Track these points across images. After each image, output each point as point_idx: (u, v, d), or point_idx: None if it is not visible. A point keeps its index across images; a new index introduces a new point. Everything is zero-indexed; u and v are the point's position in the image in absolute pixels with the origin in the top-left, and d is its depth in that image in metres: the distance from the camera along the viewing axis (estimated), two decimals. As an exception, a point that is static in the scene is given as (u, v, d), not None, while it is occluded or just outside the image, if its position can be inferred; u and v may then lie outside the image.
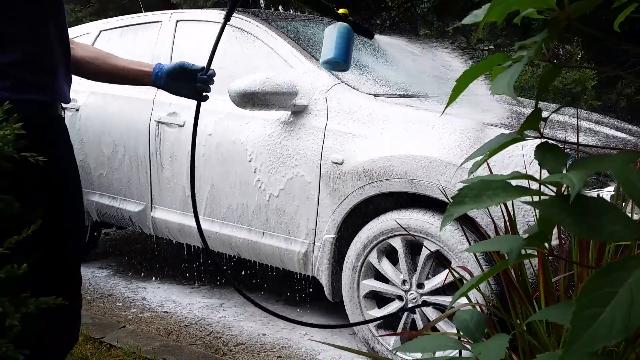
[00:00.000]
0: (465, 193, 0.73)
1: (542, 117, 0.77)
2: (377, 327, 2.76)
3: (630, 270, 0.63)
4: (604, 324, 0.62)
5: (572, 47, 6.17)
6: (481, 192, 0.72)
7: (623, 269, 0.64)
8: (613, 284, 0.63)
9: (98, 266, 4.18)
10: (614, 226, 0.67)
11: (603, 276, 0.64)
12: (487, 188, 0.73)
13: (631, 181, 0.69)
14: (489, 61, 0.79)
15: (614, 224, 0.67)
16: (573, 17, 0.70)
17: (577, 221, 0.67)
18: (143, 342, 2.87)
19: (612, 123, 3.18)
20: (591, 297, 0.63)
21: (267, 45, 3.23)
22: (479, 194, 0.72)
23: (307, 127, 2.93)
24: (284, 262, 3.07)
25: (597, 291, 0.63)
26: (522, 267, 1.81)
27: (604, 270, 0.64)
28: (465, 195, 0.73)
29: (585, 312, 0.63)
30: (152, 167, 3.55)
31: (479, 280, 0.86)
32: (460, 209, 0.72)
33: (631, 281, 0.62)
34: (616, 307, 0.62)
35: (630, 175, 0.69)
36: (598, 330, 0.62)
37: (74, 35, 4.39)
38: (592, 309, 0.63)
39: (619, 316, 0.61)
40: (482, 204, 0.71)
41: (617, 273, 0.64)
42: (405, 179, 2.58)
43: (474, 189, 0.73)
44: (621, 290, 0.62)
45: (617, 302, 0.62)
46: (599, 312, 0.62)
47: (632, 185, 0.69)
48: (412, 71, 3.52)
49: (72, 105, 4.03)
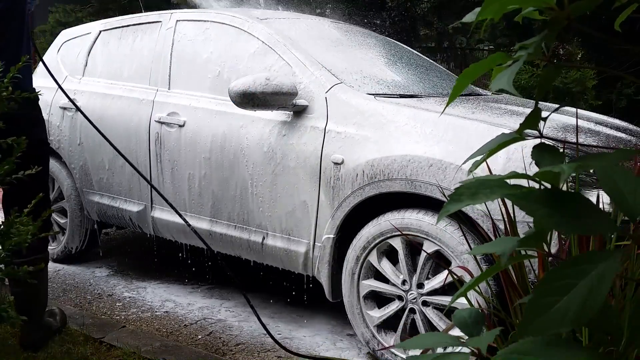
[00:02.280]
0: (462, 191, 0.74)
1: (541, 116, 0.78)
2: (377, 328, 2.76)
3: (595, 263, 0.65)
4: (558, 313, 0.64)
5: (572, 47, 6.17)
6: (478, 190, 0.74)
7: (588, 262, 0.65)
8: (575, 276, 0.65)
9: (98, 266, 4.18)
10: (588, 219, 0.68)
11: (568, 267, 0.66)
12: (484, 186, 0.74)
13: (611, 179, 0.71)
14: (489, 61, 0.79)
15: (588, 217, 0.68)
16: (572, 17, 0.70)
17: (549, 213, 0.69)
18: (143, 342, 2.87)
19: (612, 123, 3.18)
20: (551, 286, 0.66)
21: (267, 45, 3.23)
22: (476, 192, 0.73)
23: (307, 127, 2.93)
24: (284, 262, 3.07)
25: (558, 281, 0.66)
26: (522, 267, 1.81)
27: (570, 261, 0.66)
28: (461, 194, 0.74)
29: (541, 300, 0.66)
30: (152, 167, 3.56)
31: (476, 281, 0.87)
32: (457, 205, 0.74)
33: (594, 274, 0.64)
34: (573, 297, 0.64)
35: (613, 174, 0.71)
36: (550, 317, 0.64)
37: (74, 35, 4.40)
38: (549, 298, 0.65)
39: (573, 307, 0.64)
40: (478, 201, 0.73)
41: (582, 265, 0.66)
42: (405, 179, 2.58)
43: (470, 188, 0.74)
44: (582, 282, 0.65)
45: (575, 293, 0.64)
46: (554, 301, 0.65)
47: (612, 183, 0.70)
48: (412, 71, 3.52)
49: (72, 105, 4.03)
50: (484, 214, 2.38)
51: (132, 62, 3.86)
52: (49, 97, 4.19)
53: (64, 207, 4.15)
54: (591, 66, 6.22)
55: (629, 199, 0.70)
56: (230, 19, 3.46)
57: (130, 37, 3.93)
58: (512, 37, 6.78)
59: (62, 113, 4.08)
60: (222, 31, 3.46)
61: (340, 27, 3.83)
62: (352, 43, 3.57)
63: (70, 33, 4.45)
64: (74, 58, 4.26)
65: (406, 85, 3.22)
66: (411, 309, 2.65)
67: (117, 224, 3.94)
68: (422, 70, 3.62)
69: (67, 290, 3.73)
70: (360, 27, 4.14)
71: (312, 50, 3.20)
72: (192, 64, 3.53)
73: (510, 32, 6.69)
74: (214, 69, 3.42)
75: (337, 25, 3.89)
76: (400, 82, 3.23)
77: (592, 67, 2.49)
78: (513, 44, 6.93)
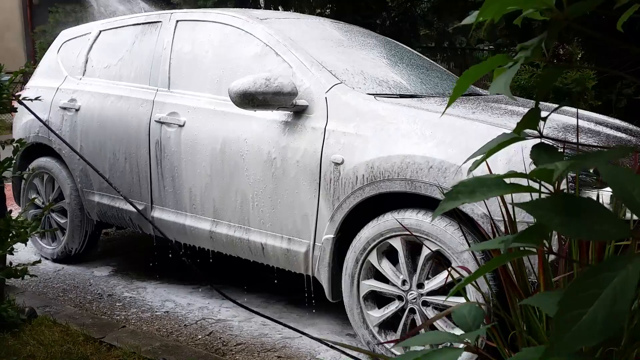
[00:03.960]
0: (459, 189, 0.74)
1: (540, 116, 0.78)
2: (378, 328, 2.76)
3: (616, 270, 0.64)
4: (586, 325, 0.63)
5: (572, 47, 6.16)
6: (476, 189, 0.73)
7: (609, 270, 0.64)
8: (598, 285, 0.64)
9: (98, 266, 4.18)
10: (602, 226, 0.68)
11: (589, 277, 0.65)
12: (482, 185, 0.74)
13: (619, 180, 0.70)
14: (490, 62, 0.79)
15: (602, 224, 0.68)
16: (571, 18, 0.70)
17: (564, 222, 0.68)
18: (143, 342, 2.87)
19: (612, 123, 3.18)
20: (575, 298, 0.64)
21: (267, 45, 3.23)
22: (474, 190, 0.73)
23: (307, 127, 2.93)
24: (284, 262, 3.07)
25: (581, 292, 0.64)
26: (521, 267, 1.81)
27: (591, 271, 0.65)
28: (459, 192, 0.74)
29: (568, 314, 0.64)
30: (152, 167, 3.56)
31: (475, 275, 0.87)
32: (453, 203, 0.73)
33: (616, 281, 0.63)
34: (599, 308, 0.63)
35: (620, 175, 0.70)
36: (580, 331, 0.63)
37: (74, 35, 4.40)
38: (575, 311, 0.64)
39: (600, 317, 0.62)
40: (475, 199, 0.72)
41: (603, 274, 0.64)
42: (405, 180, 2.58)
43: (468, 186, 0.74)
44: (605, 291, 0.63)
45: (600, 303, 0.63)
46: (581, 313, 0.63)
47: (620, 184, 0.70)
48: (412, 71, 3.52)
49: (72, 105, 4.03)
50: (484, 214, 2.38)
51: (132, 62, 3.86)
52: (49, 98, 4.19)
53: (64, 207, 4.16)
54: (591, 66, 6.22)
55: (638, 199, 0.69)
56: (230, 19, 3.46)
57: (130, 37, 3.93)
58: (512, 37, 6.78)
59: (62, 114, 4.08)
60: (223, 31, 3.46)
61: (341, 27, 3.83)
62: (352, 43, 3.57)
63: (70, 33, 4.45)
64: (74, 58, 4.26)
65: (406, 86, 3.22)
66: (411, 309, 2.65)
67: (117, 224, 3.94)
68: (423, 71, 3.62)
69: (67, 290, 3.73)
70: (361, 27, 4.14)
71: (312, 50, 3.20)
72: (192, 64, 3.53)
73: (510, 32, 6.69)
74: (214, 69, 3.42)
75: (337, 25, 3.89)
76: (400, 83, 3.23)
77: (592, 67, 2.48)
78: (513, 44, 6.93)
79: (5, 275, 2.52)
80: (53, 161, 4.19)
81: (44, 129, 4.18)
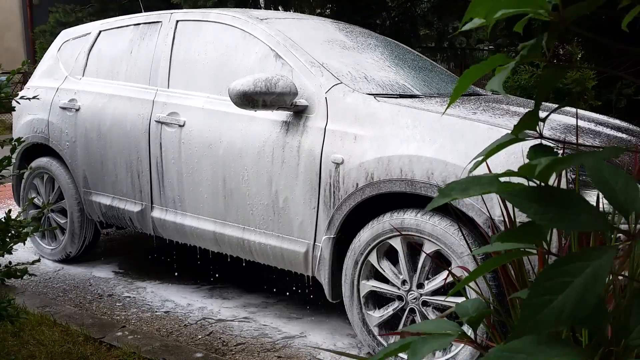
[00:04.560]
0: (452, 186, 0.75)
1: (539, 117, 0.78)
2: (378, 328, 2.76)
3: (590, 261, 0.65)
4: (553, 311, 0.65)
5: (572, 47, 6.17)
6: (469, 186, 0.74)
7: (583, 260, 0.66)
8: (570, 274, 0.65)
9: (98, 266, 4.18)
10: (578, 215, 0.69)
11: (561, 265, 0.66)
12: (475, 183, 0.75)
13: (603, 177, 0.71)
14: (490, 62, 0.79)
15: (579, 214, 0.69)
16: (569, 20, 0.70)
17: (541, 210, 0.69)
18: (143, 342, 2.87)
19: (612, 123, 3.18)
20: (546, 284, 0.66)
21: (267, 45, 3.23)
22: (467, 187, 0.74)
23: (307, 127, 2.93)
24: (284, 262, 3.07)
25: (553, 279, 0.66)
26: (522, 267, 1.81)
27: (564, 259, 0.66)
28: (452, 188, 0.75)
29: (537, 299, 0.66)
30: (152, 167, 3.56)
31: (474, 274, 0.88)
32: (445, 198, 0.75)
33: (588, 271, 0.64)
34: (568, 295, 0.64)
35: (604, 172, 0.71)
36: (547, 316, 0.65)
37: (74, 35, 4.40)
38: (545, 296, 0.66)
39: (568, 305, 0.64)
40: (469, 195, 0.74)
41: (576, 263, 0.66)
42: (405, 180, 2.58)
43: (462, 183, 0.75)
44: (577, 280, 0.65)
45: (570, 291, 0.64)
46: (550, 299, 0.65)
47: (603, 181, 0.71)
48: (412, 71, 3.52)
49: (72, 105, 4.03)
50: (484, 214, 2.38)
51: (132, 62, 3.86)
52: (49, 98, 4.19)
53: (64, 207, 4.16)
54: (591, 66, 6.22)
55: (620, 196, 0.70)
56: (230, 20, 3.46)
57: (130, 37, 3.93)
58: (512, 37, 6.78)
59: (62, 113, 4.08)
60: (222, 31, 3.46)
61: (341, 28, 3.83)
62: (352, 43, 3.57)
63: (70, 33, 4.45)
64: (74, 58, 4.26)
65: (406, 86, 3.22)
66: (411, 309, 2.65)
67: (117, 224, 3.94)
68: (423, 71, 3.62)
69: (67, 290, 3.73)
70: (361, 28, 4.14)
71: (312, 50, 3.20)
72: (192, 64, 3.53)
73: (511, 33, 6.69)
74: (214, 69, 3.42)
75: (337, 25, 3.89)
76: (400, 83, 3.23)
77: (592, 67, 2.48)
78: (513, 44, 6.93)
79: (5, 275, 2.52)
80: (53, 161, 4.19)
81: (44, 129, 4.18)
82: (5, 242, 2.56)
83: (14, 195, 4.59)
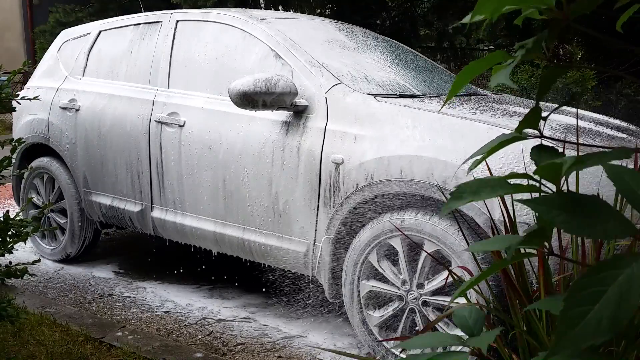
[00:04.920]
0: (464, 189, 0.75)
1: (541, 116, 0.78)
2: (378, 328, 2.76)
3: (622, 268, 0.63)
4: (591, 323, 0.62)
5: (572, 47, 6.17)
6: (479, 189, 0.74)
7: (614, 268, 0.64)
8: (603, 283, 0.63)
9: (98, 266, 4.18)
10: (607, 224, 0.67)
11: (594, 274, 0.64)
12: (485, 185, 0.74)
13: (624, 180, 0.70)
14: (489, 59, 0.79)
15: (607, 222, 0.67)
16: (571, 18, 0.70)
17: (568, 219, 0.68)
18: (143, 342, 2.87)
19: (612, 123, 3.18)
20: (580, 295, 0.64)
21: (267, 45, 3.23)
22: (478, 190, 0.74)
23: (307, 127, 2.93)
24: (284, 262, 3.07)
25: (587, 289, 0.63)
26: (522, 267, 1.81)
27: (596, 268, 0.64)
28: (463, 191, 0.74)
29: (573, 310, 0.63)
30: (152, 167, 3.56)
31: (477, 279, 0.87)
32: (458, 202, 0.74)
33: (621, 279, 0.62)
34: (604, 305, 0.62)
35: (624, 174, 0.70)
36: (585, 328, 0.62)
37: (74, 35, 4.40)
38: (580, 308, 0.63)
39: (606, 315, 0.62)
40: (480, 198, 0.73)
41: (608, 271, 0.64)
42: (405, 180, 2.58)
43: (472, 186, 0.74)
44: (611, 288, 0.63)
45: (606, 301, 0.62)
46: (586, 310, 0.63)
47: (625, 184, 0.70)
48: (412, 71, 3.52)
49: (72, 105, 4.03)
50: (484, 214, 2.38)
51: (132, 62, 3.86)
52: (49, 98, 4.19)
53: (64, 207, 4.15)
54: (591, 66, 6.22)
55: None
56: (230, 20, 3.46)
57: (130, 37, 3.93)
58: (512, 37, 6.78)
59: (62, 113, 4.08)
60: (222, 31, 3.46)
61: (341, 28, 3.82)
62: (352, 43, 3.57)
63: (70, 33, 4.45)
64: (74, 58, 4.26)
65: (406, 86, 3.22)
66: (411, 309, 2.65)
67: (117, 224, 3.94)
68: (423, 71, 3.62)
69: (67, 290, 3.73)
70: (361, 27, 4.14)
71: (312, 50, 3.20)
72: (192, 64, 3.53)
73: (510, 32, 6.69)
74: (214, 69, 3.42)
75: (337, 25, 3.89)
76: (400, 83, 3.23)
77: (592, 67, 2.48)
78: (513, 44, 6.92)
79: (5, 275, 2.52)
80: (53, 161, 4.19)
81: (44, 129, 4.18)
82: (5, 241, 2.56)
83: (14, 195, 4.59)
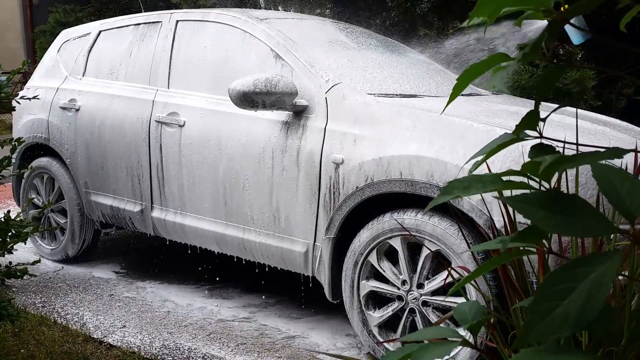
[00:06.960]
0: (454, 185, 0.75)
1: (540, 117, 0.78)
2: (378, 328, 2.76)
3: (594, 266, 0.64)
4: (558, 318, 0.64)
5: (572, 47, 6.16)
6: (471, 184, 0.74)
7: (587, 265, 0.65)
8: (574, 279, 0.64)
9: (98, 266, 4.18)
10: (585, 221, 0.68)
11: (566, 271, 0.65)
12: (477, 181, 0.75)
13: (608, 179, 0.70)
14: (489, 61, 0.79)
15: (585, 219, 0.68)
16: (570, 18, 0.70)
17: (546, 216, 0.68)
18: (143, 342, 2.87)
19: (612, 123, 3.18)
20: (550, 291, 0.65)
21: (267, 45, 3.23)
22: (468, 186, 0.74)
23: (307, 127, 2.93)
24: (284, 262, 3.07)
25: (557, 285, 0.65)
26: (522, 268, 1.81)
27: (568, 265, 0.66)
28: (454, 187, 0.75)
29: (542, 304, 0.65)
30: (152, 168, 3.56)
31: (474, 274, 0.87)
32: (447, 196, 0.75)
33: (592, 277, 0.64)
34: (572, 301, 0.64)
35: (610, 173, 0.70)
36: (551, 322, 0.64)
37: (74, 35, 4.40)
38: (549, 303, 0.65)
39: (573, 310, 0.63)
40: (470, 193, 0.73)
41: (580, 269, 0.65)
42: (405, 180, 2.58)
43: (464, 182, 0.75)
44: (581, 285, 0.64)
45: (574, 297, 0.64)
46: (555, 305, 0.64)
47: (608, 183, 0.70)
48: (412, 71, 3.52)
49: (72, 105, 4.03)
50: (484, 215, 2.38)
51: (132, 62, 3.86)
52: (49, 98, 4.19)
53: (64, 207, 4.16)
54: (591, 66, 6.21)
55: (626, 199, 0.69)
56: (230, 20, 3.46)
57: (130, 37, 3.93)
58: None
59: (62, 113, 4.08)
60: (223, 31, 3.46)
61: (341, 28, 3.83)
62: (352, 43, 3.57)
63: (70, 33, 4.45)
64: (74, 58, 4.26)
65: (407, 86, 3.22)
66: (411, 309, 2.65)
67: (117, 224, 3.94)
68: (423, 71, 3.62)
69: (67, 291, 3.73)
70: (361, 27, 4.14)
71: (312, 50, 3.20)
72: (192, 64, 3.53)
73: (511, 32, 6.67)
74: (214, 69, 3.42)
75: (337, 25, 3.89)
76: (400, 83, 3.23)
77: (592, 67, 2.48)
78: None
79: (5, 275, 2.52)
80: (53, 161, 4.19)
81: (44, 129, 4.18)
82: (5, 242, 2.56)
83: (14, 195, 4.59)
